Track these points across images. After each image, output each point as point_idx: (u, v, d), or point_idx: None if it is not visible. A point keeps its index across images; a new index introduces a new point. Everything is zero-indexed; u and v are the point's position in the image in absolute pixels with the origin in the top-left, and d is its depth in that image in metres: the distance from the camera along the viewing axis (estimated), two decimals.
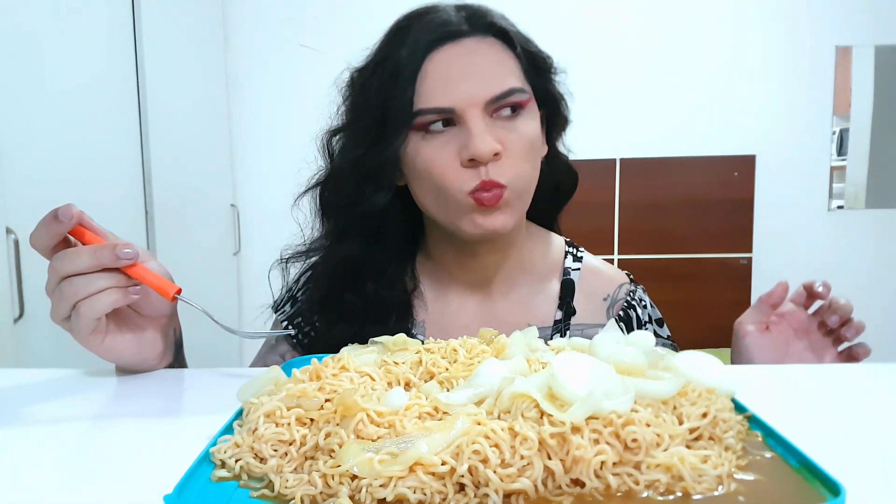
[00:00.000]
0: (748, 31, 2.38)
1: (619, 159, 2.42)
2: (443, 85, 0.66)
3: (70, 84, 1.42)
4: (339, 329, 0.73)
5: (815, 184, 2.43)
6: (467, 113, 0.66)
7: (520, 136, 0.68)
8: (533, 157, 0.70)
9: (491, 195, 0.66)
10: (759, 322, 0.73)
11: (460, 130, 0.67)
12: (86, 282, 0.54)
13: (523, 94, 0.68)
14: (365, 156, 0.70)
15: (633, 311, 0.80)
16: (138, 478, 0.39)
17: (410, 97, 0.67)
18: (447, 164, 0.67)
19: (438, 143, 0.67)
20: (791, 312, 0.74)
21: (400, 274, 0.78)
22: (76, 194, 1.38)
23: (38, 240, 0.55)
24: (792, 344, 0.73)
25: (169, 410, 0.53)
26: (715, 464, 0.35)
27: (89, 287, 0.54)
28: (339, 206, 0.75)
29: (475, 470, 0.34)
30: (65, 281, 0.54)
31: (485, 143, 0.65)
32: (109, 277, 0.55)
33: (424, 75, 0.67)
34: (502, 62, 0.69)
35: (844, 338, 0.71)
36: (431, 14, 0.70)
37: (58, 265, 0.54)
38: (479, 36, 0.69)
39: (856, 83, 2.36)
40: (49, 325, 0.58)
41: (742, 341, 0.73)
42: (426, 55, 0.67)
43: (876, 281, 2.41)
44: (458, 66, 0.67)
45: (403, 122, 0.67)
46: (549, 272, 0.81)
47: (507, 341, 0.52)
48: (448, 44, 0.68)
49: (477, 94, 0.66)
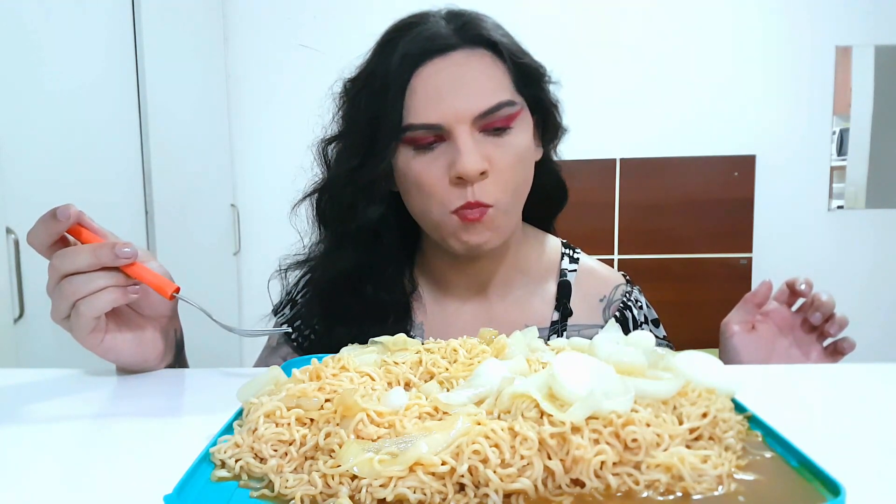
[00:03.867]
0: (748, 32, 2.38)
1: (619, 159, 2.42)
2: (431, 100, 0.66)
3: (70, 84, 1.42)
4: (339, 332, 0.73)
5: (815, 184, 2.43)
6: (455, 129, 0.66)
7: (509, 152, 0.68)
8: (523, 168, 0.70)
9: (475, 212, 0.67)
10: (745, 321, 0.74)
11: (449, 146, 0.67)
12: (85, 280, 0.54)
13: (513, 107, 0.68)
14: (359, 167, 0.70)
15: (629, 311, 0.81)
16: (138, 478, 0.39)
17: (399, 112, 0.67)
18: (436, 181, 0.67)
19: (428, 158, 0.68)
20: (775, 310, 0.74)
21: (398, 276, 0.78)
22: (76, 194, 1.38)
23: (35, 238, 0.55)
24: (777, 341, 0.74)
25: (169, 410, 0.53)
26: (715, 464, 0.35)
27: (89, 286, 0.54)
28: (335, 214, 0.75)
29: (475, 470, 0.34)
30: (65, 280, 0.54)
31: (472, 162, 0.65)
32: (109, 276, 0.55)
33: (413, 90, 0.66)
34: (492, 75, 0.68)
35: (828, 333, 0.71)
36: (421, 26, 0.69)
37: (57, 263, 0.54)
38: (467, 48, 0.68)
39: (856, 83, 2.36)
40: (49, 325, 0.58)
41: (729, 341, 0.74)
42: (414, 70, 0.67)
43: (876, 281, 2.41)
44: (446, 81, 0.66)
45: (393, 137, 0.67)
46: (545, 273, 0.82)
47: (507, 341, 0.52)
48: (436, 58, 0.67)
49: (465, 109, 0.65)
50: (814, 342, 0.73)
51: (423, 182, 0.68)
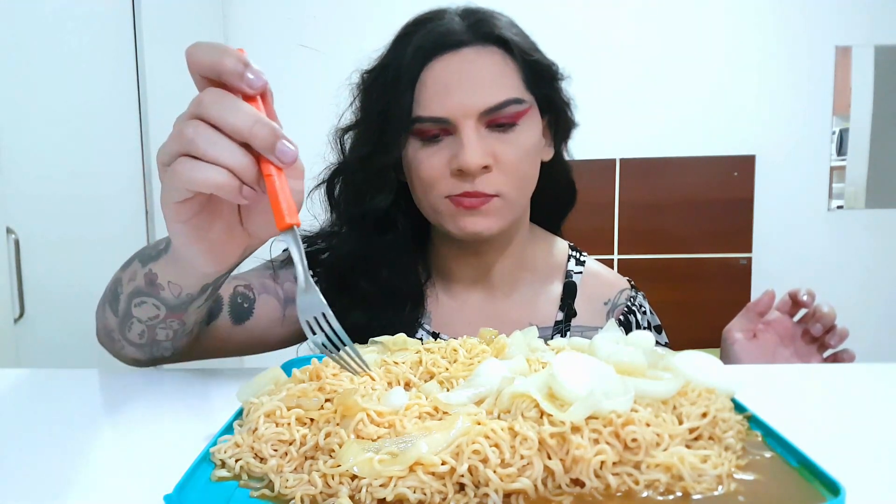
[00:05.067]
0: (748, 31, 2.37)
1: (619, 159, 2.42)
2: (439, 94, 0.67)
3: (70, 84, 1.42)
4: (355, 316, 0.73)
5: (814, 184, 2.43)
6: (461, 123, 0.67)
7: (514, 149, 0.69)
8: (529, 166, 0.71)
9: (474, 200, 0.68)
10: (747, 329, 0.75)
11: (454, 140, 0.68)
12: (216, 142, 0.41)
13: (520, 105, 0.69)
14: (369, 155, 0.71)
15: (633, 316, 0.81)
16: (138, 478, 0.39)
17: (409, 104, 0.68)
18: (437, 171, 0.69)
19: (433, 150, 0.69)
20: (777, 320, 0.75)
21: (413, 264, 0.79)
22: (76, 193, 1.38)
23: (199, 59, 0.42)
24: (778, 351, 0.75)
25: (169, 410, 0.53)
26: (715, 463, 0.35)
27: (213, 149, 0.41)
28: (346, 198, 0.76)
29: (475, 470, 0.34)
30: (198, 124, 0.42)
31: (474, 155, 0.66)
32: (242, 159, 0.41)
33: (423, 84, 0.68)
34: (501, 72, 0.69)
35: (829, 345, 0.72)
36: (435, 21, 0.70)
37: (208, 101, 0.42)
38: (479, 45, 0.69)
39: (856, 83, 2.36)
40: (50, 325, 0.57)
41: (731, 349, 0.75)
42: (425, 64, 0.68)
43: (876, 281, 2.40)
44: (454, 76, 0.67)
45: (402, 128, 0.69)
46: (551, 273, 0.82)
47: (507, 341, 0.52)
48: (447, 53, 0.68)
49: (471, 104, 0.67)
50: (814, 353, 0.74)
51: (426, 171, 0.69)
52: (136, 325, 0.61)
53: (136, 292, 0.58)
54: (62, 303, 1.24)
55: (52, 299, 1.22)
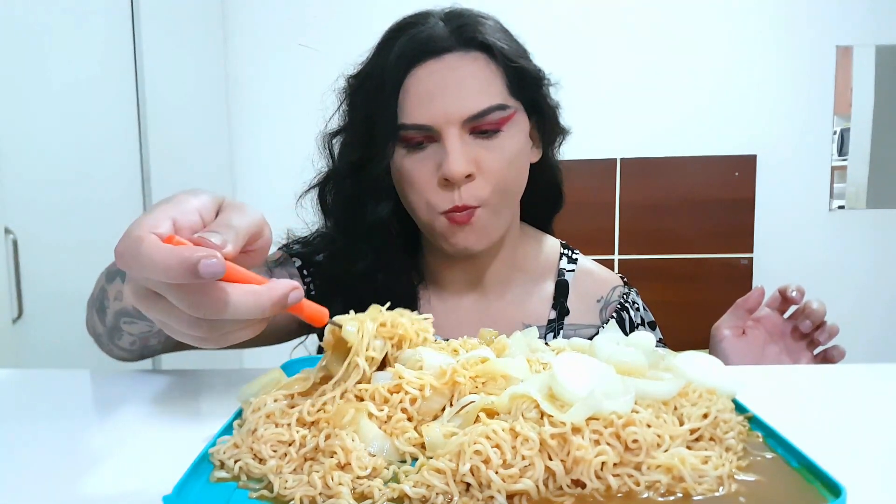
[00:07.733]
0: (748, 31, 2.37)
1: (619, 159, 2.42)
2: (422, 102, 0.67)
3: (69, 84, 1.42)
4: None
5: (815, 184, 2.42)
6: (445, 130, 0.66)
7: (498, 155, 0.68)
8: (513, 171, 0.71)
9: (462, 215, 0.68)
10: (736, 326, 0.75)
11: (439, 147, 0.68)
12: (173, 328, 0.36)
13: (504, 111, 0.68)
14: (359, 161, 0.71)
15: (626, 313, 0.81)
16: (137, 478, 0.39)
17: (394, 112, 0.68)
18: (425, 182, 0.68)
19: (419, 157, 0.69)
20: (767, 317, 0.75)
21: (407, 267, 0.79)
22: (75, 194, 1.38)
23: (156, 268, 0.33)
24: (767, 348, 0.75)
25: (168, 411, 0.52)
26: (716, 464, 0.35)
27: (175, 329, 0.36)
28: (338, 204, 0.76)
29: (477, 470, 0.34)
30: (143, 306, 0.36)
31: (458, 164, 0.65)
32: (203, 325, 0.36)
33: (406, 91, 0.67)
34: (484, 78, 0.68)
35: (818, 341, 0.72)
36: (418, 27, 0.69)
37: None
38: (462, 51, 0.68)
39: (857, 83, 2.36)
40: (49, 325, 0.57)
41: (719, 345, 0.74)
42: (408, 71, 0.68)
43: (876, 281, 2.40)
44: (437, 84, 0.67)
45: (389, 136, 0.68)
46: (543, 272, 0.82)
47: (507, 342, 0.52)
48: (430, 60, 0.67)
49: (454, 111, 0.66)
50: (804, 349, 0.74)
51: (414, 181, 0.69)
52: (126, 336, 0.61)
53: (125, 312, 0.57)
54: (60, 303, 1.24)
55: (50, 300, 1.22)
